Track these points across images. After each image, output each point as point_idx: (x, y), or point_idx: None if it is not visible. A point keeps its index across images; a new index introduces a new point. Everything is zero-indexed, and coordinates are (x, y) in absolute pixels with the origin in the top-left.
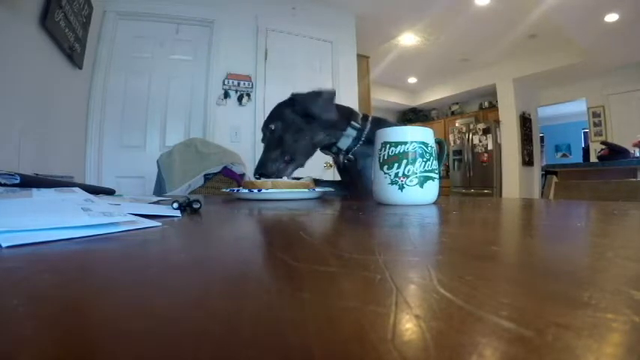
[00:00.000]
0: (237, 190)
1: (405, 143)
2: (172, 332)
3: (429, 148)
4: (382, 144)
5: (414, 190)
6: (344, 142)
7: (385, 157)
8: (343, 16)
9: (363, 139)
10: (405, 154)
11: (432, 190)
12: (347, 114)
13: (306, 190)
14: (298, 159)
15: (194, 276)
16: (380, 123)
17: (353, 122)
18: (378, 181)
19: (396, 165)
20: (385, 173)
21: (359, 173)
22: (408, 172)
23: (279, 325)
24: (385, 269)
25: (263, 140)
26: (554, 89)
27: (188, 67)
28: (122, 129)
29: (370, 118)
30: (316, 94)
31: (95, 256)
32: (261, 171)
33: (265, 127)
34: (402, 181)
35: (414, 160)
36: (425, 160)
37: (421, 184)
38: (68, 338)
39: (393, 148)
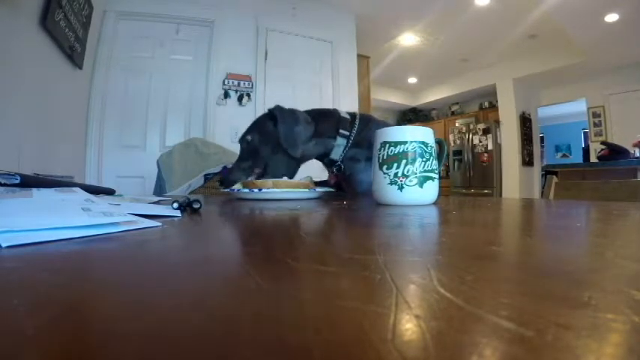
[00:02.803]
0: (238, 190)
1: (405, 143)
2: (172, 332)
3: (429, 147)
4: (381, 144)
5: (413, 190)
6: (336, 153)
7: (384, 157)
8: (343, 16)
9: (349, 144)
10: (404, 153)
11: (431, 190)
12: (334, 121)
13: (307, 190)
14: (274, 172)
15: (194, 276)
16: (368, 123)
17: (341, 130)
18: (377, 181)
19: (395, 165)
20: (384, 173)
21: (347, 178)
22: (408, 172)
23: (279, 325)
24: (385, 269)
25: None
26: (554, 89)
27: (188, 67)
28: (122, 129)
29: (358, 118)
30: (295, 120)
31: (95, 256)
32: (225, 178)
33: (242, 138)
34: (401, 181)
35: (414, 160)
36: (425, 160)
37: (421, 184)
38: (68, 338)
39: (392, 148)
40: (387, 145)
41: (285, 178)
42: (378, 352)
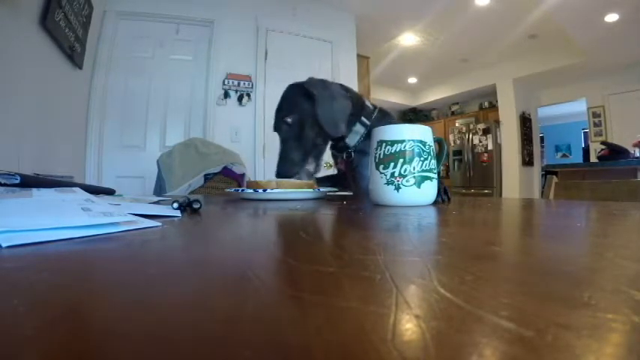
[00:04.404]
0: (242, 190)
1: (402, 142)
2: (172, 332)
3: (427, 146)
4: (378, 142)
5: (410, 191)
6: (352, 139)
7: (381, 157)
8: (343, 16)
9: (365, 134)
10: (401, 153)
11: (429, 190)
12: (358, 107)
13: (311, 190)
14: (321, 158)
15: (194, 276)
16: (383, 118)
17: (363, 118)
18: (374, 181)
19: (392, 164)
20: (381, 173)
21: (354, 171)
22: (405, 171)
23: (279, 325)
24: (385, 269)
25: (277, 129)
26: (554, 89)
27: (188, 67)
28: (122, 129)
29: (377, 111)
30: (331, 96)
31: (95, 256)
32: (283, 174)
33: (280, 119)
34: (398, 181)
35: (411, 160)
36: (422, 159)
37: (418, 184)
38: (68, 339)
39: (389, 147)
40: (384, 144)
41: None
42: (378, 352)
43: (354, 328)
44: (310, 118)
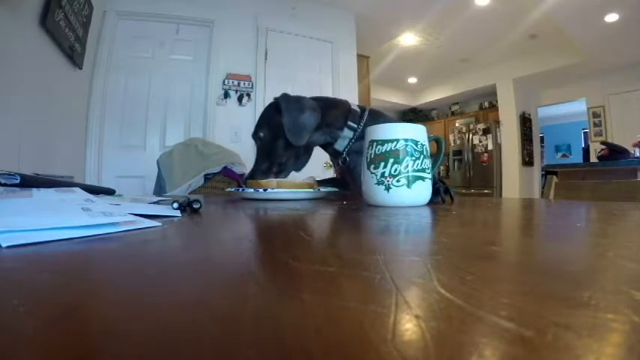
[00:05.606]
0: (243, 190)
1: (393, 141)
2: (172, 333)
3: (419, 145)
4: (370, 142)
5: (400, 191)
6: (341, 144)
7: (372, 156)
8: (343, 16)
9: (356, 136)
10: (392, 152)
11: (421, 190)
12: (344, 112)
13: (311, 190)
14: (290, 166)
15: (194, 276)
16: (377, 117)
17: (350, 122)
18: (365, 181)
19: (382, 164)
20: (372, 173)
21: (352, 172)
22: (395, 171)
23: (279, 325)
24: (385, 269)
25: (255, 141)
26: (554, 89)
27: (188, 67)
28: (122, 129)
29: (367, 112)
30: (300, 108)
31: (95, 256)
32: (247, 181)
33: (255, 134)
34: (388, 181)
35: (402, 159)
36: (414, 158)
37: (409, 184)
38: (68, 339)
39: (379, 147)
40: (375, 143)
41: (298, 176)
42: (377, 352)
43: (354, 328)
44: (280, 131)
